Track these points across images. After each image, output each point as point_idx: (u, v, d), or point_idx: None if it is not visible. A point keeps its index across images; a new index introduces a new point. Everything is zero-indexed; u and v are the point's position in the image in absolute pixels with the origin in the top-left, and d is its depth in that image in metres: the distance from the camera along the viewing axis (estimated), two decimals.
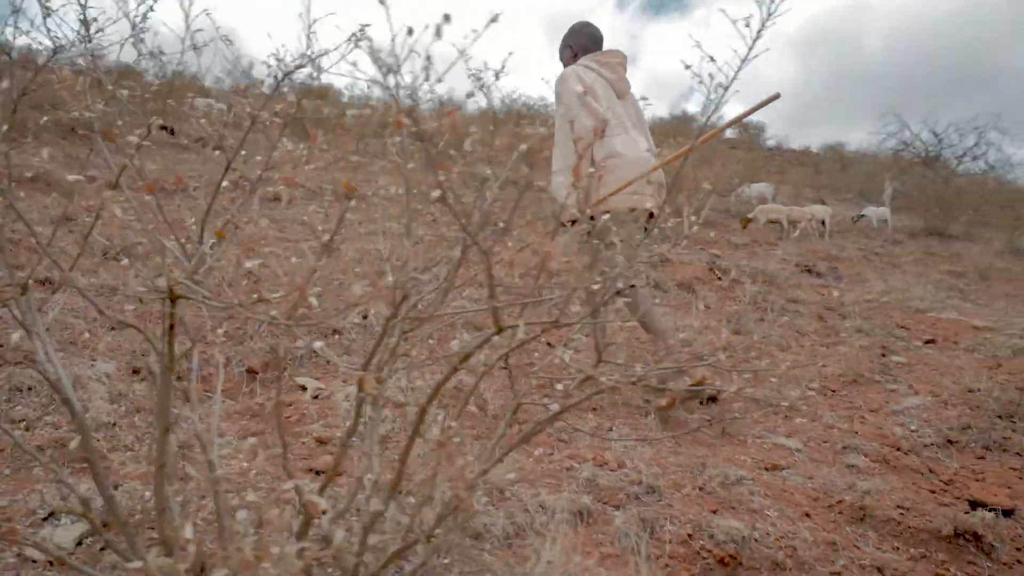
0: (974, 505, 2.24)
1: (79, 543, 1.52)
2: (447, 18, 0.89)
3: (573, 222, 2.63)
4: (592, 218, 2.83)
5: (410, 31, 0.89)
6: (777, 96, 2.47)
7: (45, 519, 1.60)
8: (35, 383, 2.24)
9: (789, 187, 16.60)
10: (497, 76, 1.37)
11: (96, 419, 2.11)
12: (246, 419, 2.34)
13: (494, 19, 0.95)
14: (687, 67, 1.18)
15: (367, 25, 1.12)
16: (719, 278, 6.17)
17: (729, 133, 29.60)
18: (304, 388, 2.61)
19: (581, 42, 3.07)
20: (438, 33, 0.87)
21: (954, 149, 19.83)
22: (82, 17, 1.33)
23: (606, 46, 3.11)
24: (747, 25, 1.08)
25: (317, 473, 1.95)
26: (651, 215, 2.84)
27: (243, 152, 1.24)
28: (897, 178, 19.24)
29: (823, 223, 11.88)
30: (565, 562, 1.48)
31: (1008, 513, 2.18)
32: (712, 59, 1.15)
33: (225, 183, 1.22)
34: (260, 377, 2.68)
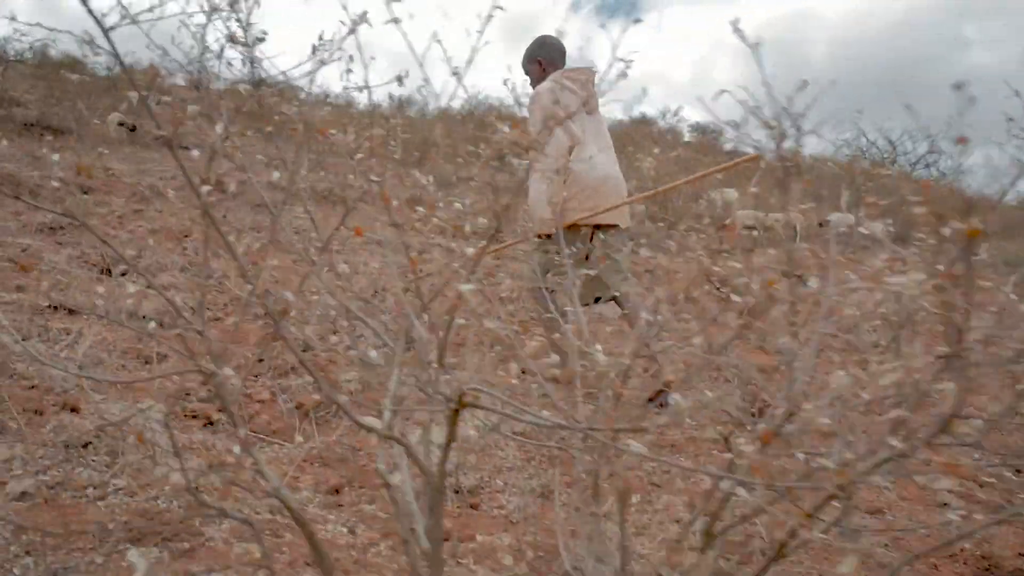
0: None
1: None
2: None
3: (548, 236, 2.85)
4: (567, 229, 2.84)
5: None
6: (755, 157, 2.64)
7: None
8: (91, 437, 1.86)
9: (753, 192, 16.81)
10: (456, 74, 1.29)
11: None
12: (316, 466, 2.06)
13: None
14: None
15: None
16: (717, 288, 6.04)
17: (687, 136, 30.17)
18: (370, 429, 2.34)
19: (549, 56, 3.06)
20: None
21: (908, 156, 20.41)
22: None
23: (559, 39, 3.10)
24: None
25: None
26: (614, 227, 2.96)
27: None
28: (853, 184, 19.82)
29: (795, 229, 12.07)
30: None
31: None
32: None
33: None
34: (312, 415, 2.39)
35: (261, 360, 2.58)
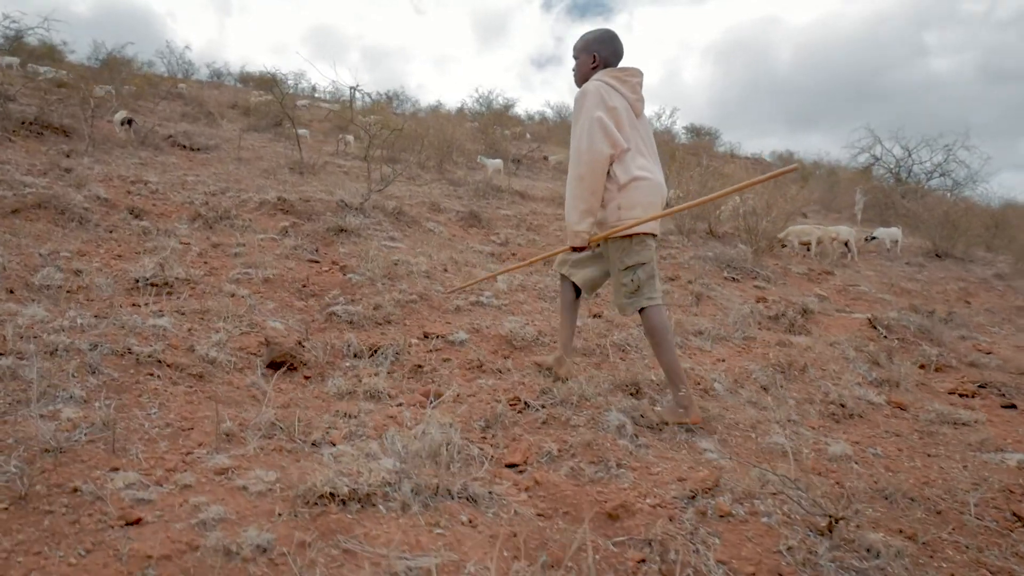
0: None
1: None
2: None
3: (581, 248, 2.85)
4: (598, 245, 2.94)
5: None
6: (794, 168, 2.65)
7: None
8: None
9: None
10: None
11: None
12: None
13: None
14: None
15: None
16: (884, 336, 5.44)
17: (683, 138, 29.95)
18: None
19: (605, 54, 2.93)
20: None
21: (924, 165, 20.04)
22: None
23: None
24: None
25: None
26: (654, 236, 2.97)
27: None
28: (868, 191, 19.39)
29: (846, 244, 11.57)
30: None
31: None
32: None
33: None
34: None
35: None
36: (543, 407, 2.78)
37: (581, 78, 2.98)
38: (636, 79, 2.90)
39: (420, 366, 3.19)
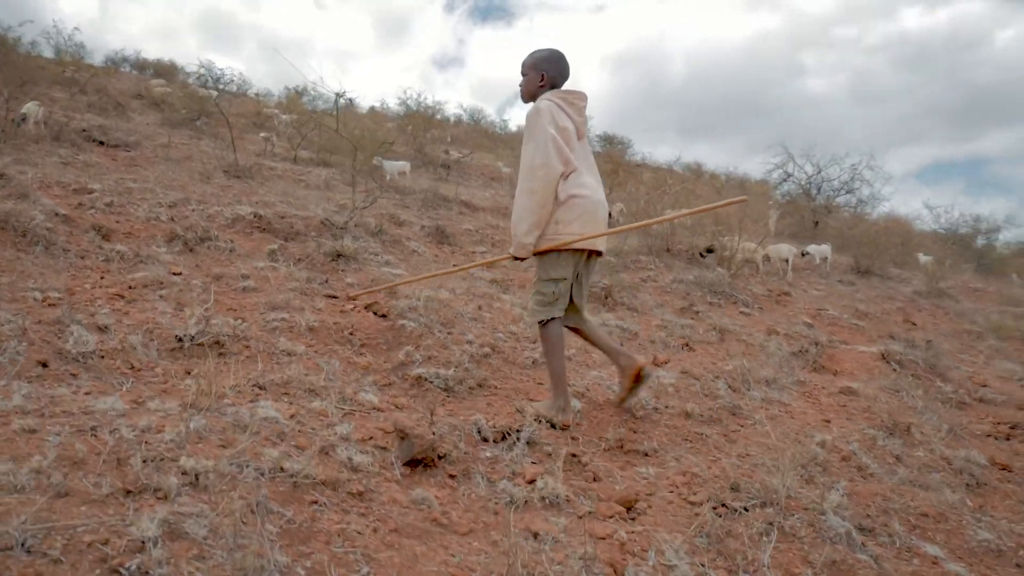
0: None
1: None
2: None
3: (521, 259, 2.98)
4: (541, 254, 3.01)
5: None
6: (744, 200, 3.00)
7: None
8: None
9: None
10: None
11: None
12: None
13: None
14: None
15: None
16: (895, 370, 5.42)
17: (598, 147, 30.38)
18: None
19: (553, 74, 3.02)
20: None
21: (831, 183, 21.28)
22: None
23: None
24: None
25: None
26: (599, 253, 3.13)
27: None
28: (781, 206, 20.39)
29: (787, 261, 11.96)
30: None
31: None
32: None
33: None
34: None
35: None
36: (746, 509, 2.42)
37: (528, 95, 3.07)
38: (582, 102, 3.03)
39: (576, 455, 2.74)
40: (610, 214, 14.35)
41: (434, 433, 2.51)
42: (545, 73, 3.01)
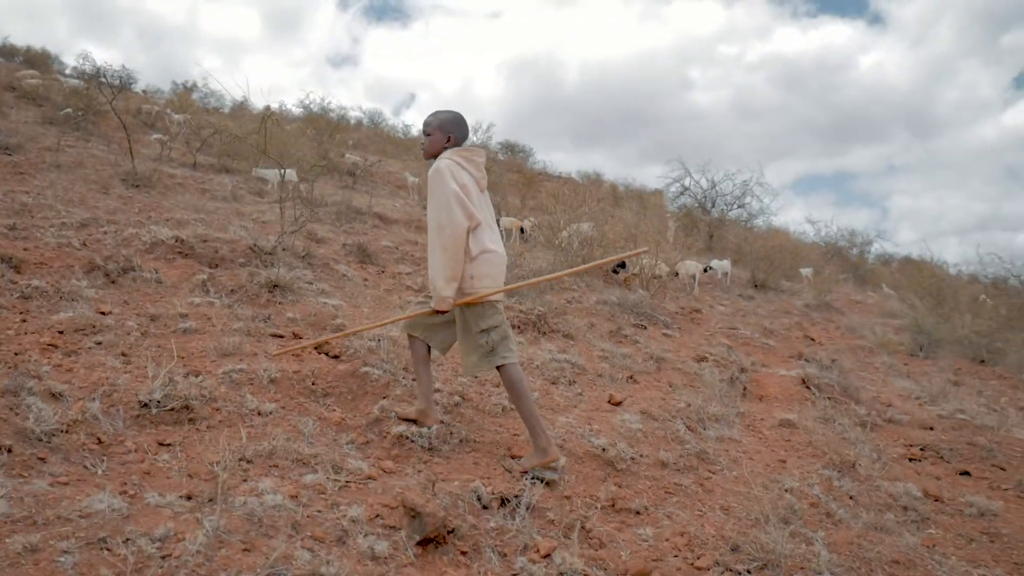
0: None
1: None
2: None
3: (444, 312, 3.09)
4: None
5: None
6: (646, 251, 3.72)
7: None
8: None
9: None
10: None
11: None
12: None
13: None
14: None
15: None
16: (814, 395, 5.75)
17: (500, 155, 30.56)
18: None
19: (458, 135, 3.20)
20: None
21: (725, 198, 22.42)
22: None
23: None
24: None
25: None
26: None
27: None
28: (679, 219, 21.33)
29: (694, 278, 12.51)
30: None
31: None
32: None
33: None
34: None
35: None
36: (750, 572, 2.51)
37: (431, 153, 3.20)
38: (480, 159, 3.22)
39: (588, 529, 2.73)
40: (522, 229, 14.51)
41: (444, 511, 2.44)
42: (451, 135, 3.18)
